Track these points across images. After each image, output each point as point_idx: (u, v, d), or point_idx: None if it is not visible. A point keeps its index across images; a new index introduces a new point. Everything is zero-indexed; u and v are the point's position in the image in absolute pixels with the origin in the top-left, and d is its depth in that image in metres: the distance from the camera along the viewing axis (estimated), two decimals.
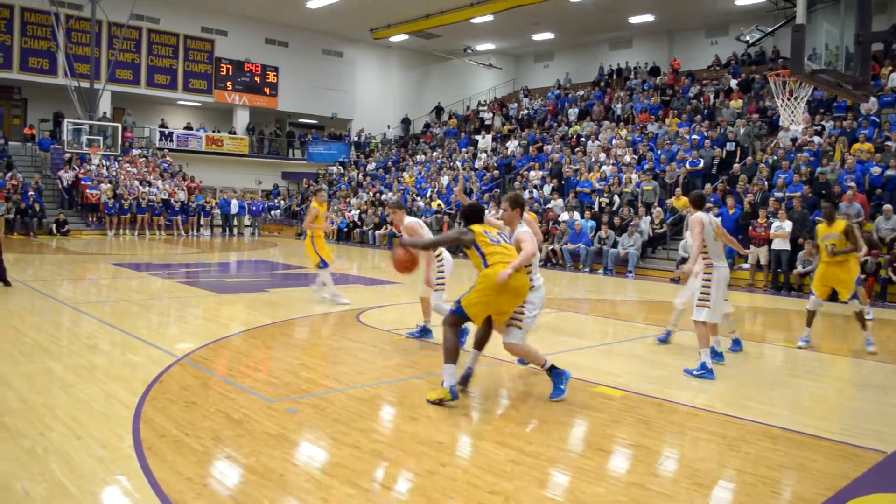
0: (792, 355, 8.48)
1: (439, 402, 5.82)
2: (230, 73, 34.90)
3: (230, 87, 34.99)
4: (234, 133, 35.61)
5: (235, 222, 30.69)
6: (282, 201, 34.44)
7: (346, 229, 27.97)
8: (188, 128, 34.61)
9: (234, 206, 30.20)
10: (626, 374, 7.13)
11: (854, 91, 7.80)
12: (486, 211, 6.81)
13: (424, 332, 8.66)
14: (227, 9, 32.89)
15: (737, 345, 8.38)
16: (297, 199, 33.71)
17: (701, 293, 7.37)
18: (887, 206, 15.51)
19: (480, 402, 6.15)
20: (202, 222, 29.76)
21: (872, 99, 20.22)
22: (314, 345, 8.26)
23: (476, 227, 6.17)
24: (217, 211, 30.37)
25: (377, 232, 25.99)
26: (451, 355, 5.90)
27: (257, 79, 35.59)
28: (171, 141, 33.51)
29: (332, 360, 7.34)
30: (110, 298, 11.54)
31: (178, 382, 6.23)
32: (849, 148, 18.47)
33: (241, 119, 35.97)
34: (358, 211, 28.30)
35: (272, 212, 33.45)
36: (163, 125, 34.06)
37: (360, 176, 33.52)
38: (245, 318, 9.94)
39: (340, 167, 35.80)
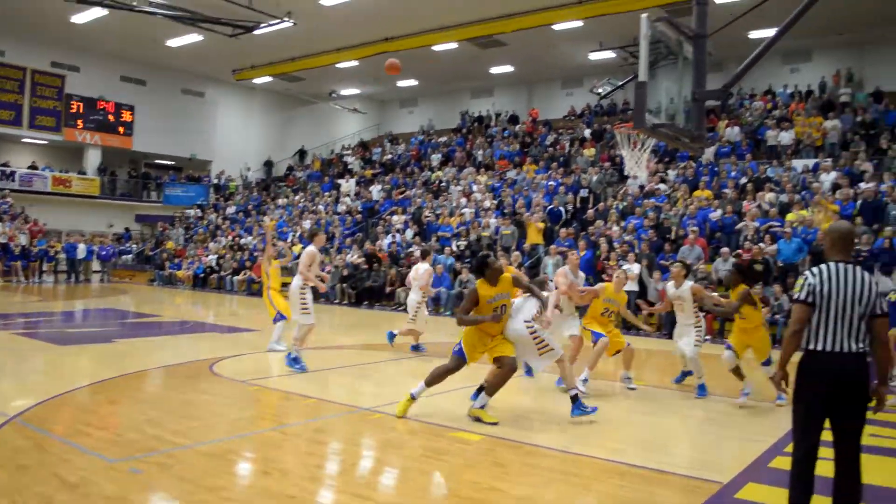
0: (641, 393, 8.84)
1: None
2: (81, 111, 33.23)
3: (81, 126, 33.29)
4: (84, 173, 33.83)
5: (82, 268, 28.99)
6: (134, 245, 32.91)
7: (202, 275, 27.00)
8: (33, 167, 32.54)
9: (82, 251, 28.52)
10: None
11: (691, 144, 8.34)
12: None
13: None
14: (80, 44, 31.36)
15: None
16: (152, 244, 32.34)
17: None
18: (724, 249, 16.61)
19: (337, 453, 6.04)
20: (45, 268, 27.93)
21: (711, 149, 21.83)
22: (163, 398, 7.87)
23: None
24: (62, 256, 28.58)
25: (235, 277, 25.26)
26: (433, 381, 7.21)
27: (111, 117, 34.07)
28: (13, 181, 31.36)
29: (182, 415, 7.00)
30: None
31: (8, 444, 5.75)
32: (690, 194, 19.75)
33: (93, 159, 34.24)
34: (216, 256, 27.43)
35: (123, 256, 31.86)
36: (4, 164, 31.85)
37: (219, 219, 32.60)
38: (90, 370, 9.36)
39: (198, 210, 34.70)
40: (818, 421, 4.19)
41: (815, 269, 4.28)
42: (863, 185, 17.42)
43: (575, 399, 7.24)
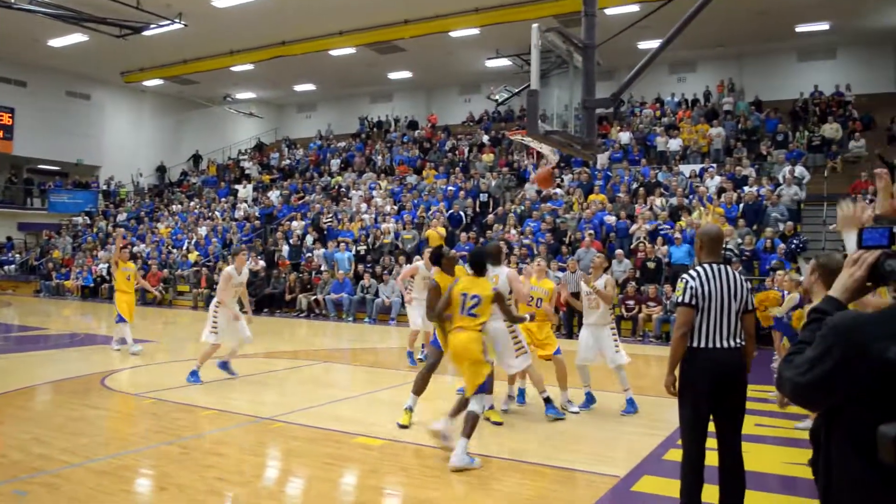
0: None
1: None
2: None
3: None
4: None
5: None
6: (17, 255, 31.19)
7: (92, 285, 25.88)
8: None
9: None
10: (387, 423, 7.19)
11: (583, 151, 8.58)
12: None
13: None
14: None
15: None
16: (36, 253, 30.73)
17: None
18: (619, 251, 17.18)
19: (238, 464, 5.92)
20: None
21: (605, 155, 22.54)
22: (50, 415, 7.51)
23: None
24: None
25: None
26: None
27: None
28: None
29: (71, 432, 6.70)
30: None
31: None
32: (585, 199, 20.32)
33: None
34: (106, 265, 26.31)
35: (5, 267, 30.15)
36: None
37: (110, 227, 31.29)
38: None
39: (87, 217, 33.21)
40: (704, 415, 4.40)
41: (693, 273, 4.50)
42: (745, 189, 18.39)
43: (548, 400, 7.61)
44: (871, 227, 2.04)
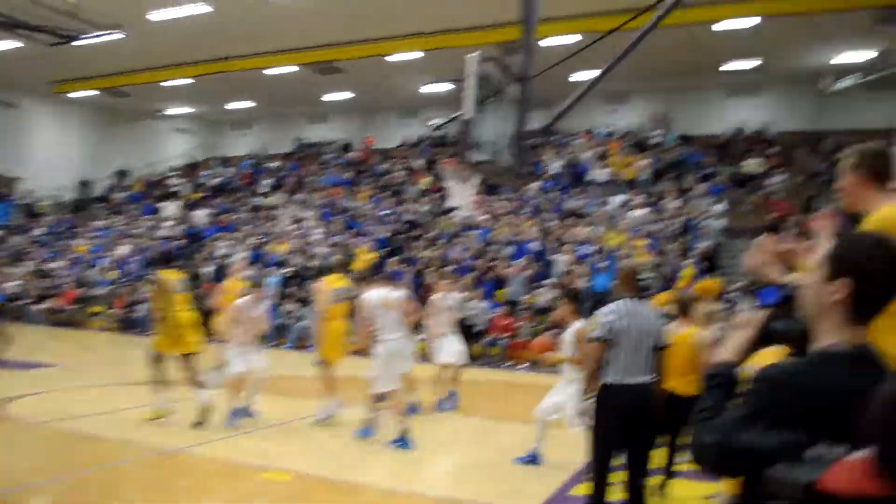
0: (457, 422, 8.82)
1: None
2: None
3: None
4: None
5: None
6: None
7: (3, 302, 24.60)
8: None
9: None
10: (298, 455, 6.91)
11: (513, 180, 8.56)
12: None
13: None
14: None
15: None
16: None
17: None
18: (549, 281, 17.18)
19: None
20: None
21: (535, 183, 22.67)
22: None
23: None
24: None
25: (39, 306, 23.21)
26: None
27: None
28: None
29: None
30: None
31: None
32: (514, 226, 20.29)
33: None
34: (18, 283, 25.05)
35: None
36: None
37: (26, 242, 29.98)
38: None
39: (2, 232, 31.73)
40: (614, 449, 4.37)
41: (611, 307, 4.47)
42: (672, 221, 18.70)
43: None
44: (767, 287, 2.05)
